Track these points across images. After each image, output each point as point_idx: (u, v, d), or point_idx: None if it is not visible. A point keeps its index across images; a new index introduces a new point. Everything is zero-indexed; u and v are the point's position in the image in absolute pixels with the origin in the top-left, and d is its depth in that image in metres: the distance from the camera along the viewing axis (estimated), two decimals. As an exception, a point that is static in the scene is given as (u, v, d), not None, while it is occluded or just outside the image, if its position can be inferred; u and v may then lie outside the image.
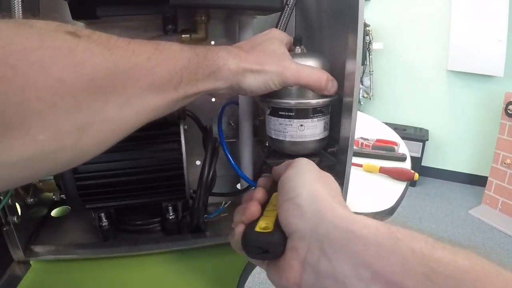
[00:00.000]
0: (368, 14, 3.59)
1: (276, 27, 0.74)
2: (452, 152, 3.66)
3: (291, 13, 0.73)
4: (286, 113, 0.60)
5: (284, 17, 0.73)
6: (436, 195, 3.48)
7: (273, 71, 0.52)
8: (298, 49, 0.62)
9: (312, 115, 0.61)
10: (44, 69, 0.29)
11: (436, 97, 3.58)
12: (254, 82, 0.51)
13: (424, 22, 3.44)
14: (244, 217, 0.45)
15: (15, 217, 0.61)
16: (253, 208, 0.46)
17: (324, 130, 0.63)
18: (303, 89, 0.58)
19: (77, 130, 0.32)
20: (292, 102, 0.59)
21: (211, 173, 0.65)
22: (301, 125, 0.61)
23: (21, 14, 0.58)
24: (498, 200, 3.06)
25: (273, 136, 0.63)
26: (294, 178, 0.44)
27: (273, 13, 0.68)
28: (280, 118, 0.61)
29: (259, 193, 0.49)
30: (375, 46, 3.52)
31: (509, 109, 2.86)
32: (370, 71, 3.64)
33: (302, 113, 0.60)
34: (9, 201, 0.59)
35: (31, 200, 0.66)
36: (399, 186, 0.94)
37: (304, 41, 0.73)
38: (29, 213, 0.66)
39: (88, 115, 0.33)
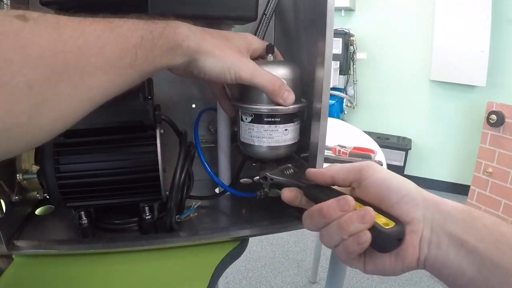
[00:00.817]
0: (353, 24, 3.65)
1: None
2: (434, 161, 3.70)
3: (269, 22, 0.76)
4: (272, 119, 0.63)
5: (262, 26, 0.76)
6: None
7: (232, 63, 0.54)
8: (270, 57, 0.65)
9: (294, 119, 0.65)
10: None
11: (419, 107, 3.63)
12: (211, 66, 0.52)
13: (407, 32, 3.49)
14: (366, 223, 0.45)
15: (0, 212, 0.63)
16: (369, 213, 0.45)
17: (299, 134, 0.68)
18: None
19: (30, 107, 0.34)
20: (261, 107, 0.62)
21: (183, 175, 0.68)
22: (286, 130, 0.64)
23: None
24: (480, 209, 3.05)
25: (256, 143, 0.65)
26: (391, 179, 0.49)
27: (249, 22, 0.70)
28: (265, 125, 0.64)
29: (352, 201, 0.47)
30: (359, 56, 3.57)
31: (490, 119, 2.90)
32: (354, 81, 3.70)
33: (287, 117, 0.64)
34: None
35: (16, 197, 0.68)
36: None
37: (283, 49, 0.76)
38: (13, 210, 0.68)
39: (41, 93, 0.34)
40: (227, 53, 0.54)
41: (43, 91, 0.34)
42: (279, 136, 0.64)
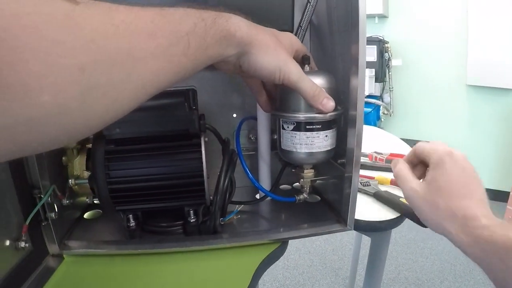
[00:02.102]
0: (386, 31, 3.63)
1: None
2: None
3: (305, 33, 0.79)
4: (313, 126, 0.66)
5: (298, 37, 0.79)
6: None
7: (285, 63, 0.55)
8: (306, 68, 0.67)
9: (332, 126, 0.68)
10: (36, 32, 0.29)
11: (456, 112, 3.57)
12: (264, 62, 0.53)
13: (441, 37, 3.45)
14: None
15: (53, 213, 0.67)
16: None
17: (336, 140, 0.71)
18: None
19: (82, 92, 0.32)
20: (319, 115, 0.65)
21: (226, 181, 0.71)
22: (326, 136, 0.67)
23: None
24: (521, 216, 3.01)
25: (297, 150, 0.69)
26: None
27: None
28: (307, 132, 0.67)
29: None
30: (394, 62, 3.54)
31: (529, 122, 2.84)
32: (390, 88, 3.66)
33: (326, 124, 0.67)
34: (49, 199, 0.66)
35: (67, 201, 0.72)
36: (408, 197, 0.98)
37: (319, 59, 0.79)
38: (64, 213, 0.73)
39: (93, 78, 0.33)
40: (280, 52, 0.55)
41: (95, 76, 0.33)
42: (320, 143, 0.67)
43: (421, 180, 0.62)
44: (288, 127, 0.68)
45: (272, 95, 0.71)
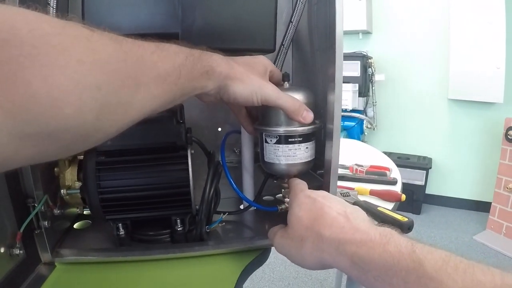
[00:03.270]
0: (370, 47, 3.70)
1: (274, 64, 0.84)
2: (455, 179, 3.70)
3: (287, 52, 0.83)
4: (295, 139, 0.70)
5: (280, 55, 0.83)
6: (440, 222, 3.50)
7: (259, 87, 0.60)
8: (286, 84, 0.71)
9: (311, 138, 0.72)
10: (64, 51, 0.32)
11: (438, 126, 3.65)
12: (240, 91, 0.58)
13: (424, 53, 3.54)
14: None
15: (46, 222, 0.69)
16: None
17: (309, 154, 0.73)
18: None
19: (97, 108, 0.36)
20: (279, 129, 0.69)
21: (212, 190, 0.74)
22: (307, 147, 0.71)
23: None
24: (503, 225, 3.07)
25: (280, 162, 0.72)
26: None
27: (268, 53, 0.76)
28: (289, 145, 0.70)
29: None
30: (377, 77, 3.59)
31: (509, 135, 2.92)
32: (373, 102, 3.72)
33: (306, 137, 0.71)
34: (42, 207, 0.68)
35: (58, 211, 0.74)
36: (387, 207, 1.02)
37: (300, 76, 0.83)
38: (55, 223, 0.74)
39: (107, 96, 0.37)
40: (253, 79, 0.60)
41: (108, 95, 0.37)
42: (301, 154, 0.71)
43: None
44: (271, 140, 0.71)
45: (254, 113, 0.76)
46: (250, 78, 0.59)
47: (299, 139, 0.70)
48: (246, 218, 0.91)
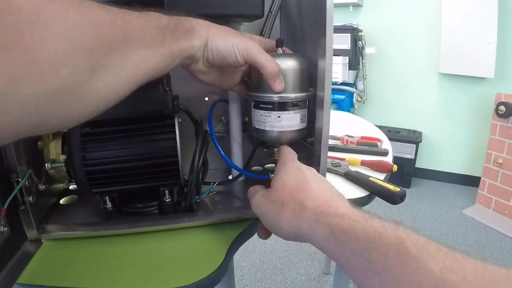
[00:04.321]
0: (361, 20, 3.68)
1: (261, 32, 0.82)
2: (445, 153, 3.72)
3: (275, 19, 0.81)
4: (266, 106, 0.68)
5: (268, 23, 0.81)
6: (430, 196, 3.54)
7: (240, 40, 0.59)
8: (280, 50, 0.70)
9: (288, 108, 0.68)
10: (60, 15, 0.34)
11: (429, 100, 3.65)
12: (221, 44, 0.57)
13: (415, 26, 3.52)
14: None
15: (31, 197, 0.68)
16: None
17: (301, 122, 0.70)
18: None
19: (90, 69, 0.38)
20: (273, 95, 0.67)
21: (201, 160, 0.73)
22: (279, 117, 0.69)
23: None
24: (491, 200, 3.11)
25: (256, 126, 0.71)
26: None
27: (256, 19, 0.75)
28: (261, 110, 0.69)
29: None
30: (368, 50, 3.59)
31: (499, 110, 2.91)
32: (363, 76, 3.71)
33: (280, 106, 0.68)
34: (26, 182, 0.66)
35: (43, 187, 0.73)
36: (379, 176, 1.02)
37: (289, 44, 0.80)
38: (40, 199, 0.73)
39: (98, 58, 0.38)
40: (234, 34, 0.60)
41: (100, 57, 0.39)
42: (273, 122, 0.69)
43: None
44: (263, 107, 0.69)
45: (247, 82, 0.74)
46: (229, 34, 0.59)
47: (292, 107, 0.68)
48: (236, 189, 0.91)
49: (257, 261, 2.56)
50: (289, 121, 0.70)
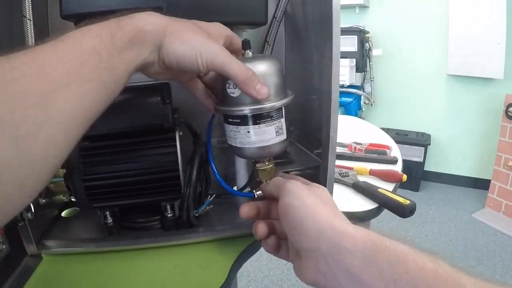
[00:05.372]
0: (367, 21, 3.64)
1: (266, 39, 0.80)
2: (454, 156, 3.68)
3: (279, 25, 0.79)
4: (233, 120, 0.58)
5: (272, 29, 0.79)
6: (439, 199, 3.50)
7: (202, 46, 0.48)
8: (248, 53, 0.58)
9: (258, 121, 0.57)
10: None
11: (437, 102, 3.62)
12: (179, 49, 0.47)
13: (422, 27, 3.48)
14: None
15: (29, 213, 0.66)
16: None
17: (277, 135, 0.59)
18: (246, 96, 0.54)
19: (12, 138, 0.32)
20: (238, 109, 0.56)
21: (194, 172, 0.71)
22: (248, 132, 0.58)
23: (33, 39, 0.64)
24: (502, 203, 3.06)
25: (229, 143, 0.62)
26: (292, 208, 0.49)
27: (260, 26, 0.73)
28: (230, 125, 0.59)
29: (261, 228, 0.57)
30: (375, 52, 3.56)
31: (509, 111, 2.88)
32: (371, 78, 3.69)
33: (247, 119, 0.57)
34: None
35: (43, 200, 0.71)
36: (387, 187, 0.99)
37: (294, 50, 0.78)
38: (41, 212, 0.71)
39: (13, 122, 0.32)
40: (196, 36, 0.48)
41: (14, 119, 0.32)
42: (243, 138, 0.59)
43: None
44: (235, 122, 0.59)
45: (215, 89, 0.64)
46: (191, 35, 0.48)
47: (262, 119, 0.57)
48: (241, 201, 0.87)
49: (264, 267, 2.55)
50: (261, 136, 0.59)
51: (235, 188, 0.88)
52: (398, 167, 1.20)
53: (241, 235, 0.75)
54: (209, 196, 0.79)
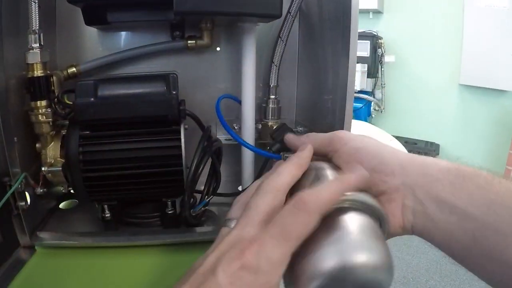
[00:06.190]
0: (380, 27, 3.63)
1: (279, 35, 0.77)
2: (463, 167, 3.63)
3: (293, 20, 0.77)
4: None
5: (286, 24, 0.76)
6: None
7: None
8: None
9: None
10: None
11: (448, 112, 3.58)
12: None
13: (436, 35, 3.45)
14: None
15: (24, 203, 0.64)
16: None
17: None
18: None
19: None
20: None
21: (193, 166, 0.67)
22: None
23: (37, 22, 0.62)
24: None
25: None
26: (362, 149, 0.45)
27: (273, 20, 0.71)
28: None
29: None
30: (387, 59, 3.54)
31: (521, 124, 2.83)
32: (382, 84, 3.66)
33: None
34: (20, 187, 0.62)
35: (41, 190, 0.69)
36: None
37: (307, 47, 0.75)
38: (38, 203, 0.69)
39: None
40: None
41: None
42: None
43: None
44: None
45: None
46: None
47: None
48: None
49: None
50: None
51: (239, 188, 0.86)
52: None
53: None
54: (206, 197, 0.75)
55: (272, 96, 0.82)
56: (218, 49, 0.85)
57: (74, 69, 0.75)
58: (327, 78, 0.72)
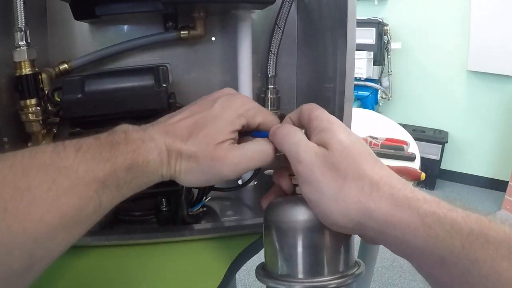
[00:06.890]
0: (386, 13, 3.57)
1: (275, 22, 0.74)
2: (472, 155, 3.59)
3: (291, 6, 0.74)
4: None
5: (283, 11, 0.74)
6: (454, 199, 3.41)
7: (205, 162, 0.43)
8: None
9: None
10: None
11: (456, 98, 3.53)
12: (188, 175, 0.44)
13: (443, 21, 3.39)
14: None
15: None
16: None
17: None
18: None
19: None
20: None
21: None
22: None
23: (23, 20, 0.60)
24: (520, 208, 2.95)
25: None
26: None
27: (268, 6, 0.69)
28: None
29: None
30: (393, 46, 3.49)
31: (530, 111, 2.78)
32: (389, 72, 3.61)
33: None
34: None
35: None
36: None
37: (306, 36, 0.72)
38: None
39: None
40: (200, 151, 0.43)
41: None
42: None
43: None
44: None
45: None
46: (197, 153, 0.44)
47: None
48: (247, 196, 0.85)
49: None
50: None
51: (239, 182, 0.84)
52: (416, 165, 1.15)
53: (241, 233, 0.70)
54: (204, 198, 0.73)
55: (271, 86, 0.79)
56: (213, 39, 0.83)
57: (66, 65, 0.73)
58: (328, 66, 0.70)
